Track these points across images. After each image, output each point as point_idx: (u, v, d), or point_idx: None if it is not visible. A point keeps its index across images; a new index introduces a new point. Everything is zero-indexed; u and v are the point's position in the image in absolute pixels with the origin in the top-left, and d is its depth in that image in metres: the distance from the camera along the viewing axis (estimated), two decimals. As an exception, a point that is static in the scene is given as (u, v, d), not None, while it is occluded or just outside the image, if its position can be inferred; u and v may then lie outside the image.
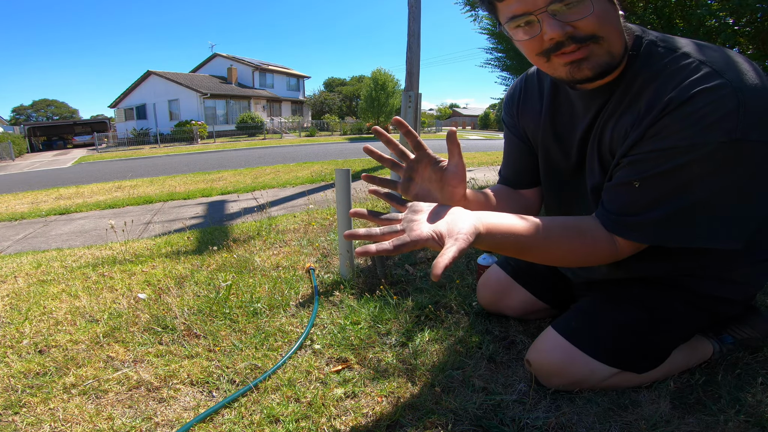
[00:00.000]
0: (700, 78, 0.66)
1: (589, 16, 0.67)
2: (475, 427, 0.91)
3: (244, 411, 0.99)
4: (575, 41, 0.70)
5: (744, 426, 0.86)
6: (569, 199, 1.02)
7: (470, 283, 1.61)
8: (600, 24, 0.69)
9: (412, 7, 7.30)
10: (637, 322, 0.94)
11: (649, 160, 0.71)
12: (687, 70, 0.68)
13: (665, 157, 0.69)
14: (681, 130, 0.67)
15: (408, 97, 4.35)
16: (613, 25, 0.71)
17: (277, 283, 1.73)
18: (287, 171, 7.06)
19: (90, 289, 1.85)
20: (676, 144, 0.68)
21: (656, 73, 0.72)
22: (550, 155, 1.00)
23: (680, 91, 0.67)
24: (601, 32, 0.69)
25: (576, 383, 0.96)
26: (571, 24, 0.68)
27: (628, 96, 0.76)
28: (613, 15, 0.71)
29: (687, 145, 0.67)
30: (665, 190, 0.72)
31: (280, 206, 4.00)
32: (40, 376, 1.18)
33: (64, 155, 20.36)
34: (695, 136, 0.66)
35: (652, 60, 0.74)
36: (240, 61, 30.32)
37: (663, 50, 0.74)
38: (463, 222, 0.64)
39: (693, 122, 0.66)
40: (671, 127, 0.68)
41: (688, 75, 0.68)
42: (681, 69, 0.69)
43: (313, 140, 20.91)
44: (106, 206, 4.74)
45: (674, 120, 0.68)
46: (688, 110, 0.66)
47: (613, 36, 0.71)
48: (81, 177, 9.29)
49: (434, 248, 0.62)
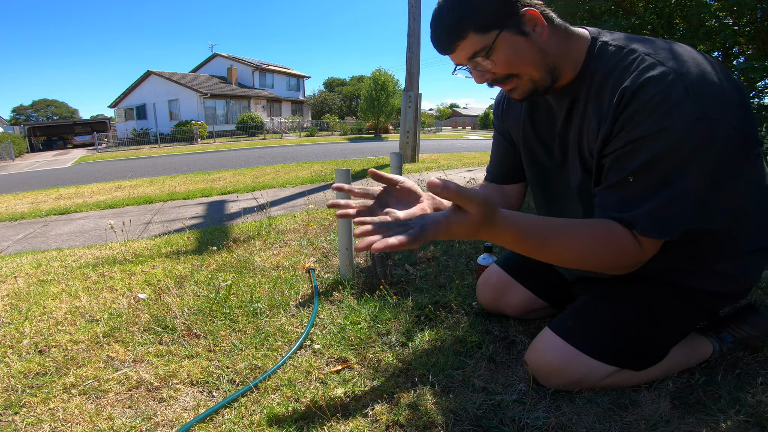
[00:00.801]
0: (645, 68, 0.74)
1: (495, 66, 0.82)
2: (475, 427, 0.91)
3: (244, 411, 0.99)
4: (497, 82, 0.86)
5: (744, 426, 0.86)
6: (557, 197, 1.05)
7: (470, 283, 1.61)
8: (509, 67, 0.82)
9: (412, 7, 7.30)
10: (633, 320, 0.95)
11: (629, 153, 0.76)
12: (634, 64, 0.77)
13: (643, 147, 0.74)
14: (645, 119, 0.73)
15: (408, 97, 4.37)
16: (525, 61, 0.82)
17: (277, 283, 1.73)
18: (287, 171, 7.06)
19: (90, 289, 1.85)
20: (646, 132, 0.73)
21: (610, 70, 0.80)
22: (534, 154, 1.05)
23: (631, 82, 0.75)
24: (514, 71, 0.83)
25: (575, 383, 0.96)
26: (489, 71, 0.84)
27: (591, 93, 0.84)
28: (526, 51, 0.81)
29: (656, 131, 0.72)
30: (658, 179, 0.75)
31: (280, 206, 4.01)
32: (40, 376, 1.18)
33: (64, 155, 20.36)
34: (660, 120, 0.72)
35: (604, 59, 0.83)
36: (240, 61, 30.31)
37: (614, 49, 0.82)
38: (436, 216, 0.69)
39: (652, 109, 0.72)
40: (635, 118, 0.74)
41: (636, 67, 0.76)
42: (630, 63, 0.78)
43: (313, 140, 20.91)
44: (106, 206, 4.74)
45: (635, 111, 0.74)
46: (643, 99, 0.73)
47: (528, 69, 0.83)
48: (81, 177, 9.29)
49: None
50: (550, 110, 0.98)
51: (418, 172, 6.00)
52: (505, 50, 0.80)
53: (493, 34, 0.79)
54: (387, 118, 25.59)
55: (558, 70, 0.85)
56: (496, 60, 0.81)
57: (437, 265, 1.82)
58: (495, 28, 0.78)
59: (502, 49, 0.80)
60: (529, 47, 0.81)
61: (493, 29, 0.78)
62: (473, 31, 0.79)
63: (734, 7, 1.84)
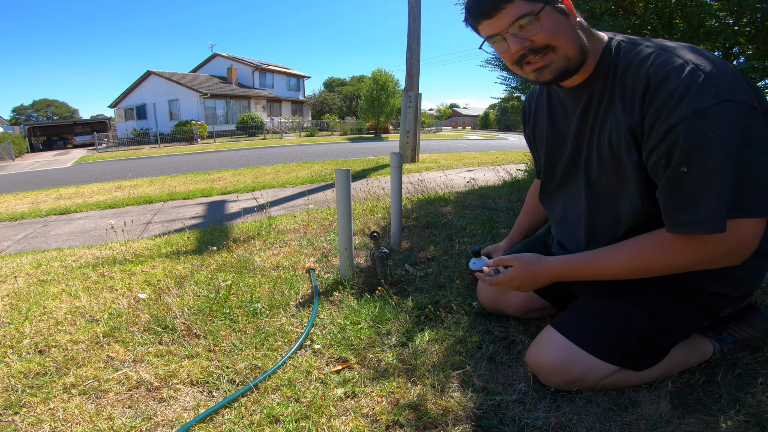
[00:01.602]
0: (665, 61, 0.79)
1: (539, 32, 0.84)
2: (475, 427, 0.91)
3: (244, 411, 0.99)
4: (534, 52, 0.86)
5: (744, 426, 0.86)
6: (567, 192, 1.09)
7: (470, 283, 1.61)
8: (551, 37, 0.84)
9: (412, 7, 7.30)
10: (635, 320, 0.95)
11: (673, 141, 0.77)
12: (652, 57, 0.82)
13: (683, 131, 0.75)
14: (677, 105, 0.75)
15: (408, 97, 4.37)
16: (565, 35, 0.85)
17: (277, 283, 1.73)
18: (287, 171, 7.06)
19: (90, 289, 1.85)
20: (682, 115, 0.75)
21: (629, 63, 0.85)
22: (553, 150, 1.10)
23: (654, 71, 0.79)
24: (554, 43, 0.85)
25: (575, 381, 0.96)
26: (528, 39, 0.85)
27: (614, 85, 0.88)
28: (565, 27, 0.85)
29: (691, 113, 0.74)
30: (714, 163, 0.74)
31: (280, 206, 4.00)
32: (40, 376, 1.18)
33: (64, 155, 20.35)
34: (692, 104, 0.74)
35: (623, 54, 0.88)
36: (240, 61, 30.30)
37: (629, 45, 0.88)
38: None
39: (681, 95, 0.75)
40: (667, 106, 0.77)
41: (655, 59, 0.81)
42: (647, 56, 0.83)
43: (313, 140, 20.91)
44: (106, 206, 4.74)
45: (665, 100, 0.77)
46: (670, 88, 0.76)
47: (565, 44, 0.85)
48: (81, 177, 9.29)
49: None
50: (564, 106, 1.03)
51: (418, 172, 6.00)
52: (549, 20, 0.84)
53: (539, 5, 0.82)
54: (387, 118, 25.57)
55: (586, 55, 0.88)
56: (535, 29, 0.83)
57: (437, 265, 1.82)
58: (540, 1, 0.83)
59: (546, 19, 0.83)
60: (568, 25, 0.85)
61: (539, 1, 0.83)
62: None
63: (734, 7, 1.84)
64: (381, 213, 2.99)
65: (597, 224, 1.01)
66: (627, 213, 0.92)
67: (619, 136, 0.87)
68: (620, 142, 0.87)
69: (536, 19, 0.82)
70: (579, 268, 0.95)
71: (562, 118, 1.04)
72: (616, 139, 0.88)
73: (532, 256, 1.00)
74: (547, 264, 0.97)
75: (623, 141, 0.86)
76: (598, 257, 0.92)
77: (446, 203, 3.21)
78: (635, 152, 0.85)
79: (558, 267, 0.96)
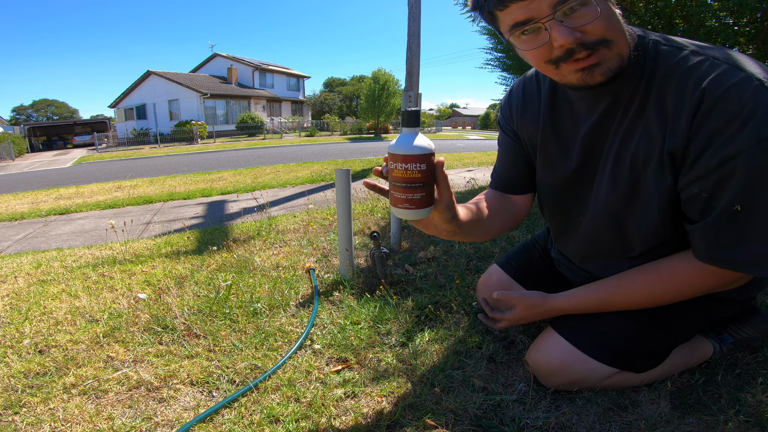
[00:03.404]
0: (722, 73, 0.65)
1: (596, 19, 0.65)
2: (475, 427, 0.91)
3: (244, 411, 0.99)
4: (585, 47, 0.67)
5: (744, 426, 0.86)
6: (566, 205, 0.99)
7: (470, 283, 1.61)
8: (608, 27, 0.67)
9: (412, 7, 7.30)
10: (635, 322, 0.94)
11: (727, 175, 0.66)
12: (704, 67, 0.67)
13: (742, 164, 0.64)
14: (738, 131, 0.64)
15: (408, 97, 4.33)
16: (619, 27, 0.69)
17: (277, 283, 1.73)
18: (287, 171, 7.06)
19: (90, 289, 1.84)
20: (743, 147, 0.63)
21: (671, 71, 0.71)
22: (550, 157, 0.96)
23: (711, 85, 0.65)
24: (609, 35, 0.67)
25: (575, 383, 0.96)
26: (580, 29, 0.65)
27: (650, 93, 0.74)
28: (616, 17, 0.69)
29: (754, 143, 0.63)
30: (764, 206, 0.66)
31: (280, 206, 4.00)
32: (40, 376, 1.18)
33: (64, 155, 20.35)
34: (757, 131, 0.62)
35: (662, 58, 0.72)
36: (240, 61, 30.30)
37: (670, 48, 0.73)
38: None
39: (744, 119, 0.63)
40: (725, 131, 0.65)
41: (709, 70, 0.66)
42: (697, 66, 0.68)
43: (313, 140, 20.91)
44: (106, 206, 4.74)
45: (724, 123, 0.65)
46: (731, 108, 0.64)
47: (620, 38, 0.69)
48: (81, 177, 9.29)
49: None
50: (572, 110, 0.89)
51: (418, 172, 5.98)
52: (603, 6, 0.66)
53: None
54: (387, 118, 25.58)
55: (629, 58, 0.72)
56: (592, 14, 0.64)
57: (437, 265, 1.82)
58: None
59: (600, 4, 0.65)
60: (619, 18, 0.69)
61: None
62: None
63: (734, 7, 1.84)
64: (381, 213, 2.99)
65: (602, 244, 0.93)
66: (641, 236, 0.85)
67: (650, 156, 0.75)
68: (649, 162, 0.75)
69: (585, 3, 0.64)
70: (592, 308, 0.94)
71: (567, 120, 0.90)
72: (644, 159, 0.76)
73: (536, 297, 0.99)
74: (555, 305, 0.97)
75: (655, 163, 0.74)
76: (612, 299, 0.90)
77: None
78: (670, 177, 0.74)
79: (569, 307, 0.96)
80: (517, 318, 1.02)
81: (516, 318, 1.02)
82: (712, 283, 0.81)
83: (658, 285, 0.85)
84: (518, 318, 1.02)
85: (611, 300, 0.91)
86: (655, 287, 0.85)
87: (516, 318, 1.02)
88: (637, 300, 0.88)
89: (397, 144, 0.67)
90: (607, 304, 0.92)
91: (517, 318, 1.02)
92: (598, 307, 0.93)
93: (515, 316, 1.01)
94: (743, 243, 0.70)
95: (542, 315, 1.00)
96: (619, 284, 0.90)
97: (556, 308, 0.97)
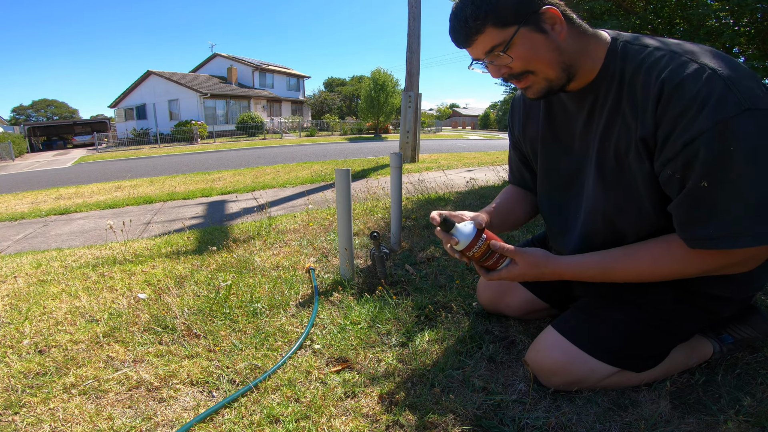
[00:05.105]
0: (679, 65, 0.74)
1: (512, 62, 0.82)
2: (475, 427, 0.91)
3: (244, 411, 0.99)
4: (513, 77, 0.86)
5: (744, 426, 0.86)
6: (565, 203, 1.04)
7: (470, 283, 1.61)
8: (526, 63, 0.82)
9: (412, 7, 7.29)
10: (635, 322, 0.95)
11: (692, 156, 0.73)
12: (664, 60, 0.77)
13: (704, 145, 0.71)
14: (697, 115, 0.71)
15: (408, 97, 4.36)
16: (543, 58, 0.82)
17: (277, 283, 1.73)
18: (287, 171, 7.06)
19: (90, 289, 1.85)
20: (702, 128, 0.70)
21: (638, 66, 0.80)
22: (551, 156, 1.03)
23: (669, 75, 0.74)
24: (531, 67, 0.83)
25: (575, 382, 0.96)
26: (505, 66, 0.84)
27: (621, 91, 0.83)
28: (544, 48, 0.81)
29: (712, 125, 0.69)
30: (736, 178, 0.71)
31: (280, 206, 4.00)
32: (40, 376, 1.18)
33: (64, 155, 20.35)
34: (713, 115, 0.69)
35: (630, 56, 0.82)
36: (240, 61, 30.29)
37: (637, 47, 0.82)
38: None
39: (701, 105, 0.70)
40: (685, 116, 0.72)
41: (668, 63, 0.76)
42: (659, 60, 0.77)
43: (313, 140, 20.91)
44: (106, 206, 4.74)
45: (683, 109, 0.72)
46: (688, 96, 0.71)
47: (544, 67, 0.83)
48: (81, 177, 9.29)
49: None
50: (566, 112, 0.97)
51: (418, 172, 6.00)
52: (523, 46, 0.80)
53: (512, 30, 0.79)
54: (387, 118, 25.56)
55: (574, 69, 0.84)
56: (514, 55, 0.81)
57: (437, 265, 1.82)
58: (514, 23, 0.79)
59: (520, 45, 0.80)
60: (546, 45, 0.81)
61: (512, 25, 0.79)
62: (492, 26, 0.80)
63: (734, 7, 1.84)
64: (381, 213, 2.99)
65: (597, 237, 0.96)
66: (633, 225, 0.88)
67: (629, 145, 0.82)
68: (629, 150, 0.83)
69: (507, 50, 0.81)
70: (593, 275, 0.91)
71: (563, 122, 0.98)
72: (625, 148, 0.84)
73: (540, 254, 0.93)
74: (557, 267, 0.92)
75: (633, 150, 0.82)
76: (614, 266, 0.88)
77: (446, 203, 3.21)
78: (647, 162, 0.81)
79: (569, 272, 0.92)
80: (516, 275, 0.93)
81: (515, 275, 0.93)
82: (706, 265, 0.81)
83: (657, 263, 0.84)
84: (517, 275, 0.93)
85: (614, 267, 0.88)
86: (660, 258, 0.84)
87: (515, 275, 0.93)
88: (640, 270, 0.86)
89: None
90: (610, 273, 0.89)
91: (516, 275, 0.93)
92: (600, 275, 0.90)
93: (515, 272, 0.93)
94: (712, 219, 0.75)
95: (542, 276, 0.93)
96: (625, 251, 0.88)
97: (557, 272, 0.92)
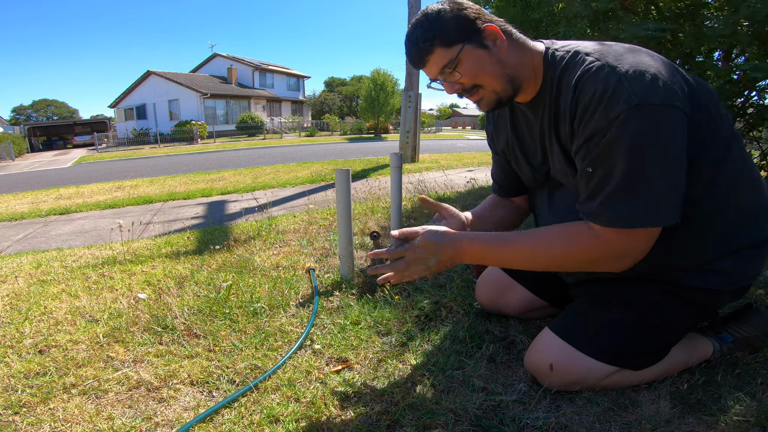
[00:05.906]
0: (585, 67, 0.82)
1: (461, 78, 0.89)
2: (475, 427, 0.91)
3: (244, 411, 0.99)
4: (465, 92, 0.93)
5: (744, 426, 0.86)
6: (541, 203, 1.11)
7: (470, 283, 1.61)
8: (474, 77, 0.89)
9: (412, 7, 7.31)
10: (632, 319, 0.95)
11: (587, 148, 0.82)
12: (578, 63, 0.84)
13: (594, 142, 0.80)
14: (593, 114, 0.79)
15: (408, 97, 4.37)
16: (488, 72, 0.89)
17: (277, 283, 1.73)
18: (287, 171, 7.06)
19: (90, 289, 1.85)
20: (598, 126, 0.78)
21: (562, 72, 0.88)
22: (522, 162, 1.10)
23: (575, 80, 0.82)
24: (479, 82, 0.90)
25: (574, 383, 0.96)
26: (457, 82, 0.91)
27: (559, 96, 0.90)
28: (487, 63, 0.88)
29: (605, 124, 0.77)
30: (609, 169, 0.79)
31: (280, 206, 4.01)
32: (40, 376, 1.18)
33: (64, 155, 20.35)
34: (606, 113, 0.77)
35: (557, 64, 0.90)
36: (240, 61, 30.29)
37: (562, 53, 0.90)
38: None
39: (596, 104, 0.78)
40: (585, 115, 0.80)
41: (577, 67, 0.84)
42: (576, 64, 0.85)
43: (313, 140, 20.91)
44: (106, 206, 4.74)
45: (584, 108, 0.80)
46: (587, 95, 0.79)
47: (490, 80, 0.90)
48: (81, 177, 9.29)
49: None
50: (526, 118, 1.03)
51: (418, 172, 6.00)
52: (469, 62, 0.88)
53: (457, 48, 0.86)
54: (387, 118, 25.56)
55: (518, 81, 0.91)
56: (462, 71, 0.88)
57: (437, 265, 1.82)
58: (458, 42, 0.86)
59: (466, 61, 0.88)
60: (489, 59, 0.88)
61: (457, 44, 0.86)
62: (439, 46, 0.87)
63: (735, 7, 1.84)
64: (381, 213, 2.99)
65: None
66: None
67: (567, 141, 0.90)
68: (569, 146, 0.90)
69: (455, 67, 0.88)
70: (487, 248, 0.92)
71: (527, 131, 1.05)
72: (564, 144, 0.91)
73: (443, 227, 0.93)
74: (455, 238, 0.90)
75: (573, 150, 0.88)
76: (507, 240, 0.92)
77: (446, 203, 3.21)
78: None
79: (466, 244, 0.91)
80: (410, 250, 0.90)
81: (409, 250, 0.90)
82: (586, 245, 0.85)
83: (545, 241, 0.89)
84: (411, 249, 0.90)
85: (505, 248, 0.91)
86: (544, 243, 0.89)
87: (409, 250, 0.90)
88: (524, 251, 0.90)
89: None
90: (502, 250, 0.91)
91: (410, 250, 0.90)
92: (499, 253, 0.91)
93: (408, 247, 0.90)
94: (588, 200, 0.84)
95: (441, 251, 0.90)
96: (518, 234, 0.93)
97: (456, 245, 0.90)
